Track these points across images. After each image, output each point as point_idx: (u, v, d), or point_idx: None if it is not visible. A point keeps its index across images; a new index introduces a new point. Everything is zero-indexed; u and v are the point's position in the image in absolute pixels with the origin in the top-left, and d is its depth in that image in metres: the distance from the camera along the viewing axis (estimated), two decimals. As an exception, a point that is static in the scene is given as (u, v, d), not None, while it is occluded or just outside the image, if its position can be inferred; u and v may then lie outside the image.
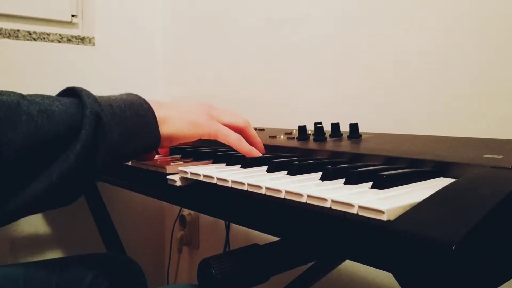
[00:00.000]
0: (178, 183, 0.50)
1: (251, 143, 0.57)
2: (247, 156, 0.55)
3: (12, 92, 0.41)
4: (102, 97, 0.47)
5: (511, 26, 0.69)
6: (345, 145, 0.59)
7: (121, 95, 0.50)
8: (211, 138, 0.54)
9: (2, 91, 0.41)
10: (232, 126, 0.56)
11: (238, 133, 0.55)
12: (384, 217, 0.29)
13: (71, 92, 0.46)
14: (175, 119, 0.51)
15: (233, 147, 0.55)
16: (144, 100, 0.50)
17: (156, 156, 0.62)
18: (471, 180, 0.35)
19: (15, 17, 1.24)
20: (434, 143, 0.56)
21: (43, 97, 0.43)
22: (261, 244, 0.48)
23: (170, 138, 0.51)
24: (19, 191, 0.40)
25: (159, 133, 0.49)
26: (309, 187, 0.37)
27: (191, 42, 1.42)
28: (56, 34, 1.29)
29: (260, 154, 0.56)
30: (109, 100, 0.46)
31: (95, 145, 0.43)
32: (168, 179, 0.51)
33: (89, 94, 0.45)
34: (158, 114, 0.50)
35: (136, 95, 0.50)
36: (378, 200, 0.32)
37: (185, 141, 0.53)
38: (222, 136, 0.54)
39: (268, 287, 0.51)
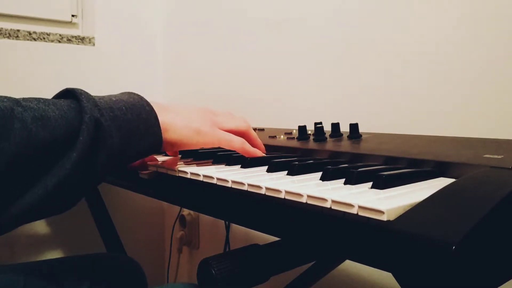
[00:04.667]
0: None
1: (253, 145, 0.57)
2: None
3: (7, 98, 0.39)
4: (102, 98, 0.45)
5: (511, 25, 0.69)
6: (345, 145, 0.59)
7: (122, 94, 0.49)
8: (215, 145, 0.53)
9: None
10: (235, 131, 0.56)
11: (241, 137, 0.55)
12: (384, 217, 0.29)
13: (70, 94, 0.44)
14: (179, 126, 0.50)
15: (237, 151, 0.55)
16: (146, 101, 0.49)
17: (165, 157, 0.62)
18: (471, 180, 0.35)
19: (15, 17, 1.24)
20: (434, 143, 0.56)
21: (38, 101, 0.41)
22: (261, 244, 0.48)
23: (173, 145, 0.51)
24: (13, 200, 0.38)
25: (161, 135, 0.48)
26: (309, 187, 0.37)
27: (191, 42, 1.42)
28: (56, 34, 1.29)
29: (264, 154, 0.57)
30: (110, 102, 0.45)
31: (94, 152, 0.41)
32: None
33: (88, 97, 0.43)
34: (162, 119, 0.48)
35: (137, 96, 0.49)
36: (378, 200, 0.32)
37: (188, 148, 0.53)
38: (225, 142, 0.54)
39: (268, 287, 0.51)
